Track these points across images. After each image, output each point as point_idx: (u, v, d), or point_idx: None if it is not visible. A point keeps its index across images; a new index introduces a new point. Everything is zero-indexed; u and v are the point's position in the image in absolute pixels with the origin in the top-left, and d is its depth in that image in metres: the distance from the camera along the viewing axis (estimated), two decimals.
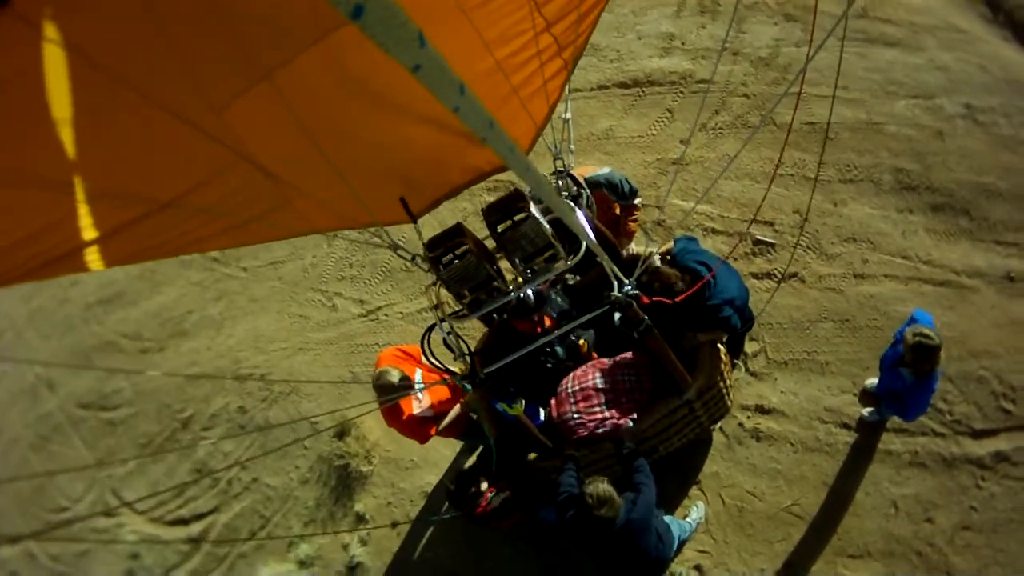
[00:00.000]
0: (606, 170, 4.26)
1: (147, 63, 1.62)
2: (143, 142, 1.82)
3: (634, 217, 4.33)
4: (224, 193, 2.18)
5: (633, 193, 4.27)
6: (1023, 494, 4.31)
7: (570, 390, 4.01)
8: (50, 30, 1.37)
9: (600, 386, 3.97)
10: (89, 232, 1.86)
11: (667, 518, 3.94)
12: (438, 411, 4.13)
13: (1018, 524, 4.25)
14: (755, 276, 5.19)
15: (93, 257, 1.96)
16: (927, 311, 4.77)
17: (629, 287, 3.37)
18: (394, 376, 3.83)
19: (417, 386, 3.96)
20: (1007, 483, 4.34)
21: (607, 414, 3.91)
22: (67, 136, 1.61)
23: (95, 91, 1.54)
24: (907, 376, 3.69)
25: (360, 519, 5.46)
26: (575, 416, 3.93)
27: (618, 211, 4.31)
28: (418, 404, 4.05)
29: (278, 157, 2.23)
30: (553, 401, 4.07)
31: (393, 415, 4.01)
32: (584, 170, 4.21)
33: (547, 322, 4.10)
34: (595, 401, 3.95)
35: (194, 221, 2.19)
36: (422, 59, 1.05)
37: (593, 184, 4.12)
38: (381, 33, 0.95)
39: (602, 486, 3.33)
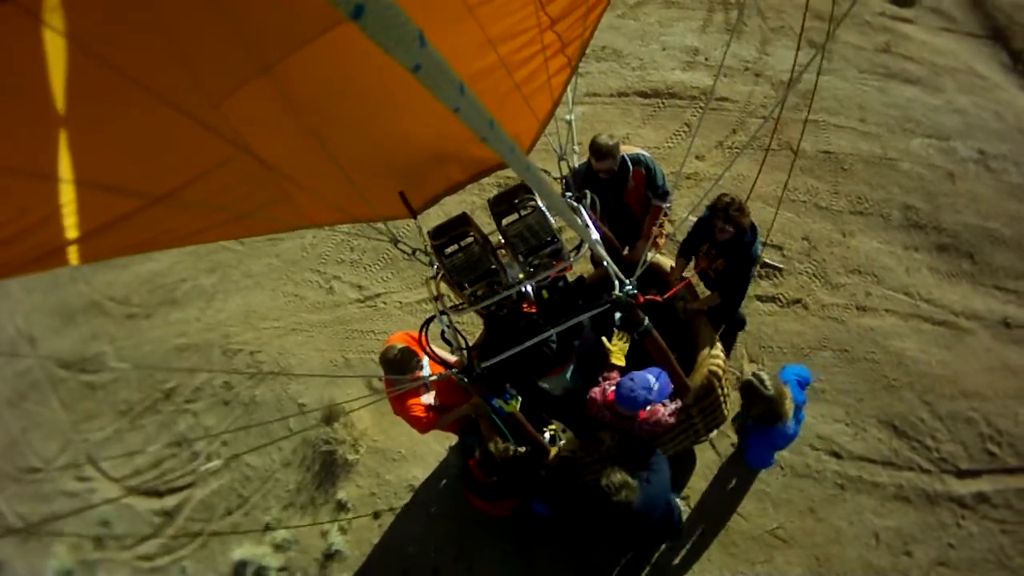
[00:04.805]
0: (649, 155, 4.29)
1: (147, 55, 1.62)
2: (142, 134, 1.80)
3: (659, 221, 4.31)
4: (222, 186, 2.17)
5: (665, 193, 4.27)
6: (1000, 536, 4.40)
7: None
8: (51, 20, 1.35)
9: None
10: (85, 224, 1.83)
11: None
12: (443, 402, 4.09)
13: (993, 564, 4.34)
14: (760, 299, 5.22)
15: (89, 250, 1.92)
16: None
17: (630, 287, 3.36)
18: (404, 353, 3.79)
19: (424, 372, 3.93)
20: (986, 524, 4.44)
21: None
22: (66, 127, 1.59)
23: (94, 82, 1.53)
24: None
25: (342, 507, 5.39)
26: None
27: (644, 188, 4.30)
28: (426, 391, 4.02)
29: (277, 151, 2.22)
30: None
31: (398, 398, 3.96)
32: (629, 147, 4.25)
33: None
34: None
35: (192, 213, 2.16)
36: (422, 59, 1.05)
37: (635, 160, 4.18)
38: (381, 33, 0.95)
39: (618, 475, 3.38)
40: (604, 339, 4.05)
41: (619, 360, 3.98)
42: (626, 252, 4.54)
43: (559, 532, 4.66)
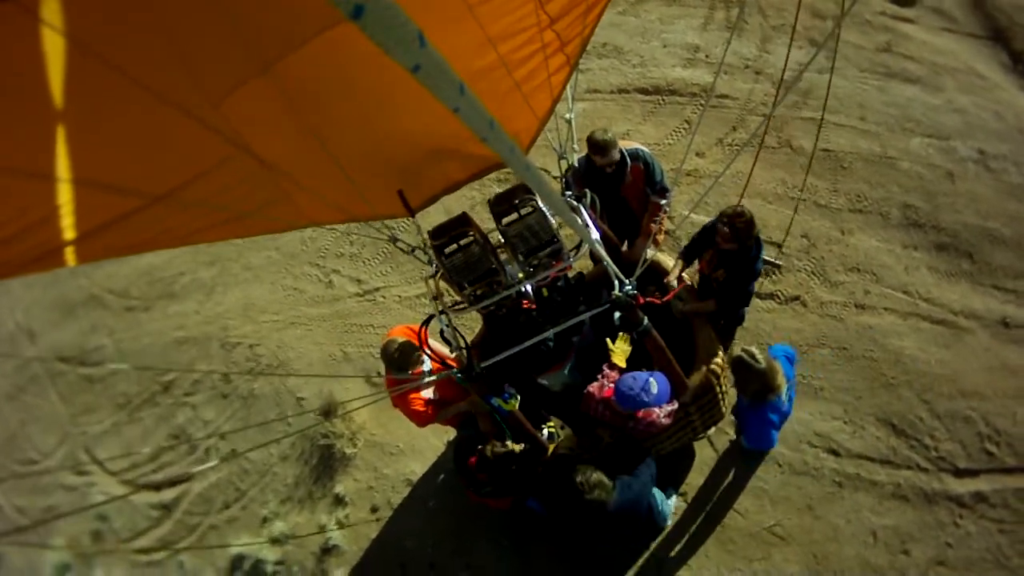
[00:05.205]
0: (648, 151, 4.27)
1: (147, 55, 1.61)
2: (142, 134, 1.79)
3: (657, 217, 4.30)
4: (222, 186, 2.16)
5: (664, 189, 4.26)
6: (998, 536, 4.39)
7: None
8: (49, 18, 1.34)
9: None
10: (85, 224, 1.82)
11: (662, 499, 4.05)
12: (442, 396, 4.09)
13: (991, 564, 4.33)
14: (758, 296, 5.22)
15: (89, 249, 1.92)
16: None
17: (630, 287, 3.37)
18: (405, 347, 3.78)
19: (425, 367, 3.93)
20: (984, 523, 4.42)
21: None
22: (66, 127, 1.57)
23: (94, 82, 1.52)
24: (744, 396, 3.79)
25: (339, 501, 5.39)
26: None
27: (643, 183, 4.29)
28: (425, 385, 4.02)
29: (277, 150, 2.22)
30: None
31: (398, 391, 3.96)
32: (628, 141, 4.24)
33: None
34: None
35: (191, 213, 2.16)
36: (422, 59, 1.05)
37: (632, 155, 4.16)
38: (381, 33, 0.94)
39: (592, 473, 3.40)
40: (608, 340, 4.06)
41: (620, 362, 3.99)
42: (625, 249, 4.54)
43: (555, 529, 4.66)
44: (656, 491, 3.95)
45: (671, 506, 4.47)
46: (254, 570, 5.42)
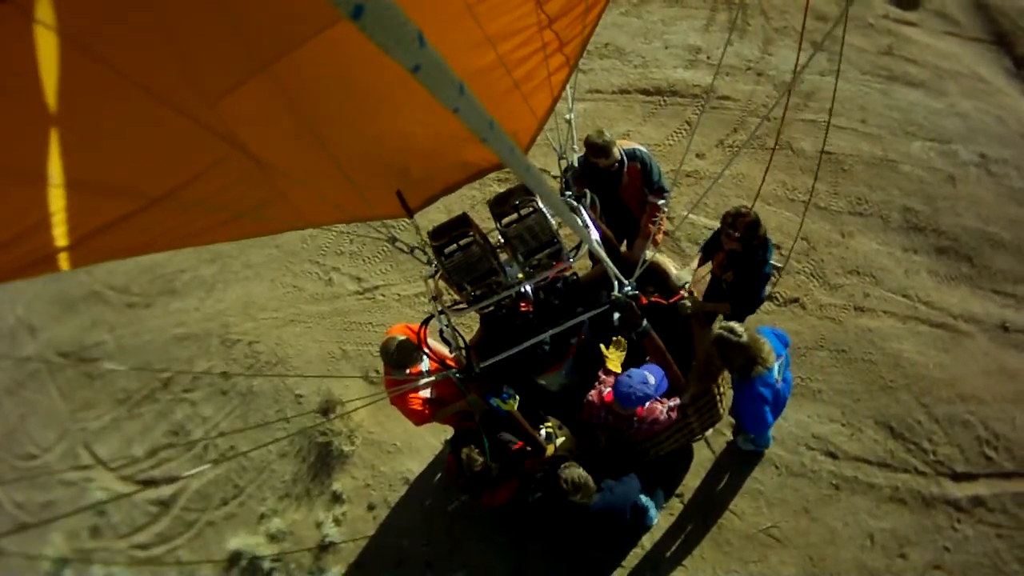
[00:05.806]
0: (647, 151, 4.27)
1: (147, 55, 1.60)
2: (139, 136, 1.79)
3: (655, 218, 4.29)
4: (220, 187, 2.16)
5: (661, 190, 4.25)
6: (995, 541, 4.39)
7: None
8: (47, 18, 1.34)
9: None
10: (84, 227, 1.82)
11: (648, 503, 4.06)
12: (440, 394, 4.10)
13: (989, 569, 4.32)
14: None
15: (88, 252, 1.91)
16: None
17: (629, 288, 3.36)
18: (404, 345, 3.78)
19: (423, 366, 3.93)
20: (981, 528, 4.42)
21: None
22: (66, 128, 1.57)
23: (94, 83, 1.51)
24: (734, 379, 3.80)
25: (337, 498, 5.39)
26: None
27: (640, 184, 4.28)
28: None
29: (275, 150, 2.22)
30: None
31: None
32: (626, 141, 4.24)
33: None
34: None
35: (188, 215, 2.16)
36: (422, 59, 1.04)
37: (630, 155, 4.16)
38: (381, 33, 0.94)
39: (576, 472, 3.42)
40: (602, 346, 4.07)
41: (615, 367, 4.00)
42: (623, 249, 4.54)
43: (546, 526, 4.66)
44: (643, 497, 3.95)
45: (657, 512, 4.47)
46: (251, 566, 5.42)
